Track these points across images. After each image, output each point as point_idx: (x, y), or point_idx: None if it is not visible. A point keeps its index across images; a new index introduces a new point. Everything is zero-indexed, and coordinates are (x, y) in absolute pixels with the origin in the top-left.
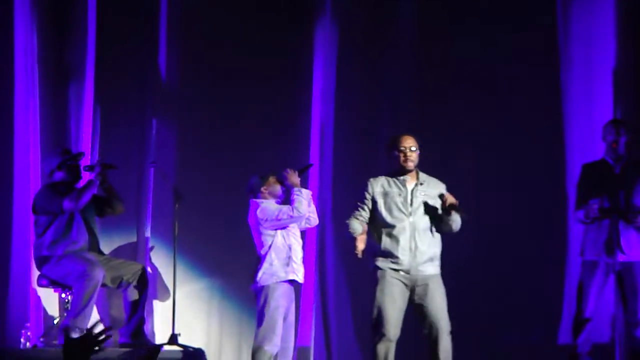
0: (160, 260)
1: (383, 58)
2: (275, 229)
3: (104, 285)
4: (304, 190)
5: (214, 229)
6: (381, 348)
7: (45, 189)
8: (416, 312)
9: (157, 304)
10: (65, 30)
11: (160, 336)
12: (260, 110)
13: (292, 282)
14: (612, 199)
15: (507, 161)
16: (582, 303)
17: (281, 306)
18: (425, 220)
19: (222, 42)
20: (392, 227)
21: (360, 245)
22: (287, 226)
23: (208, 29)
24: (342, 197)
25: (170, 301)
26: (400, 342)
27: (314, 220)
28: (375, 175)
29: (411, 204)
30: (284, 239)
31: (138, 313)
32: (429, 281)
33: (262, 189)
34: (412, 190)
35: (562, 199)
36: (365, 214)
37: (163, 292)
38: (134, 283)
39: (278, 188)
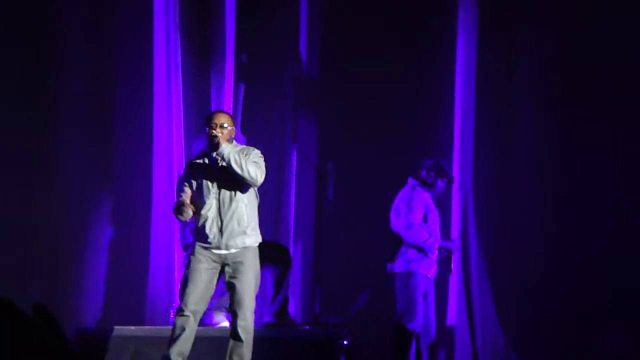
0: (303, 240)
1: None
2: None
3: None
4: None
5: (356, 209)
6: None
7: None
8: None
9: (300, 284)
10: (206, 13)
11: (304, 316)
12: (400, 92)
13: None
14: None
15: None
16: None
17: (420, 285)
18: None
19: (362, 23)
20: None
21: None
22: None
23: (348, 11)
24: (482, 178)
25: (313, 281)
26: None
27: None
28: None
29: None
30: None
31: (282, 293)
32: (241, 257)
33: None
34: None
35: None
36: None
37: (306, 272)
38: (278, 263)
39: None
